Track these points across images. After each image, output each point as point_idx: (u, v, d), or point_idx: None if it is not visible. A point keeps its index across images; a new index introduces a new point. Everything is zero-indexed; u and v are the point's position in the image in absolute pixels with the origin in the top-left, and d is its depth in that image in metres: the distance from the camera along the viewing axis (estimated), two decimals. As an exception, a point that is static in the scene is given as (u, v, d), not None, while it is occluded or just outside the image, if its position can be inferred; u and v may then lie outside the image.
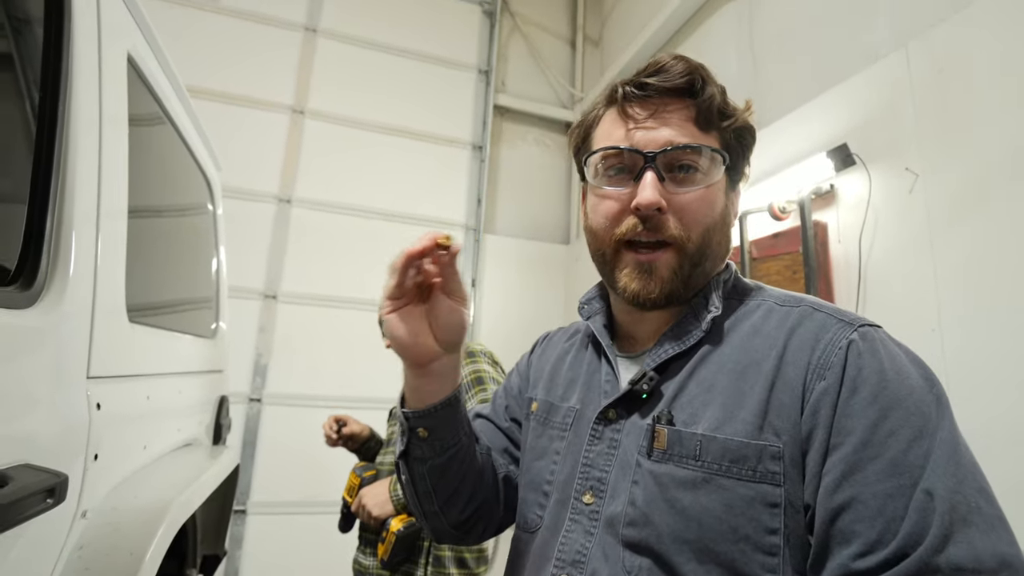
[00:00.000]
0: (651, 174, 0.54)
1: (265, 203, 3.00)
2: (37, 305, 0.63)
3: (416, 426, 0.60)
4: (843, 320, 0.51)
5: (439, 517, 0.65)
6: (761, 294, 0.58)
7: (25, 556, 0.60)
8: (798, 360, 0.49)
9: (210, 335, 1.53)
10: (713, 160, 0.56)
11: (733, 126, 0.57)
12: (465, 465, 0.64)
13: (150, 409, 1.00)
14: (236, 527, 2.69)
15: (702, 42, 2.62)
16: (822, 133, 1.72)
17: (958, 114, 1.33)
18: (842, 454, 0.44)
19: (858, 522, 0.42)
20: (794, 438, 0.47)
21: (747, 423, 0.48)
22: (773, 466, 0.47)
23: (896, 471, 0.42)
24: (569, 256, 3.61)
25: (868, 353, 0.47)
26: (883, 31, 1.66)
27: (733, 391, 0.51)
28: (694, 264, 0.56)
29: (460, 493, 0.64)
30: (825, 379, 0.47)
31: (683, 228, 0.55)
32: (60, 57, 0.69)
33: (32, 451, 0.59)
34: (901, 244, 1.44)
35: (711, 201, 0.56)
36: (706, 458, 0.48)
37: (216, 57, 2.97)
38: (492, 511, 0.69)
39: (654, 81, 0.56)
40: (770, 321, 0.54)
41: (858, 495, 0.42)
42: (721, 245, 0.59)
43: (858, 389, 0.46)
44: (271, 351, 2.90)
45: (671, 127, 0.55)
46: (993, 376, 1.18)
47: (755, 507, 0.46)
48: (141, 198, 0.99)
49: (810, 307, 0.54)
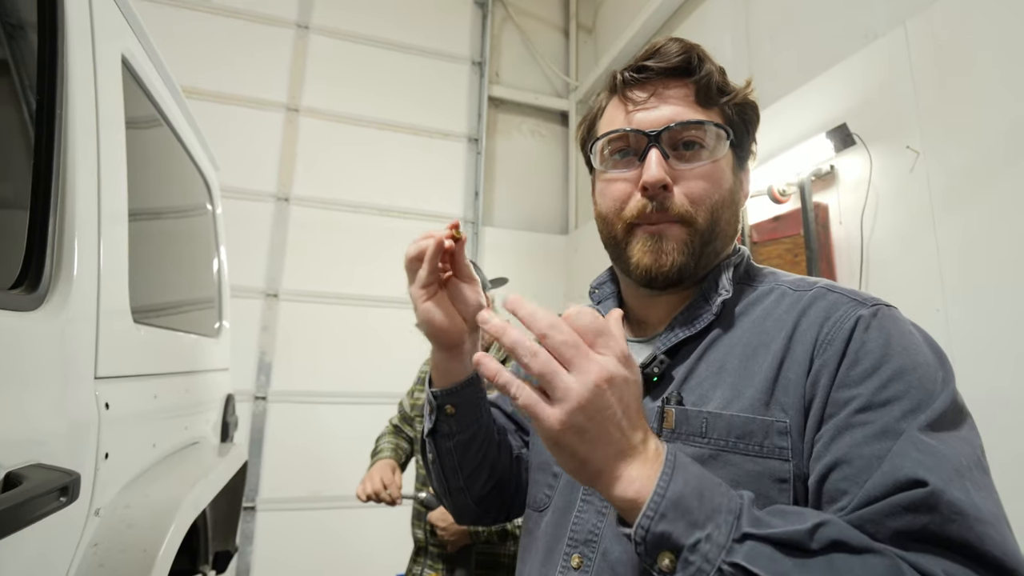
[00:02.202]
0: (655, 152, 0.54)
1: (263, 202, 3.00)
2: (43, 307, 0.63)
3: (444, 403, 0.64)
4: (856, 300, 0.50)
5: (463, 493, 0.69)
6: (774, 279, 0.58)
7: (41, 553, 0.61)
8: (806, 337, 0.49)
9: (214, 334, 1.54)
10: (717, 135, 0.56)
11: (734, 101, 0.57)
12: (486, 441, 0.67)
13: (158, 408, 1.01)
14: (246, 524, 2.72)
15: (697, 26, 2.60)
16: (821, 114, 1.71)
17: (958, 91, 1.33)
18: (835, 421, 0.44)
19: (844, 480, 0.42)
20: (799, 412, 0.47)
21: (753, 399, 0.48)
22: (780, 441, 0.47)
23: (886, 435, 0.42)
24: (568, 246, 3.61)
25: (875, 328, 0.47)
26: (880, 10, 1.64)
27: (742, 371, 0.51)
28: (705, 241, 0.56)
29: (482, 468, 0.67)
30: (827, 352, 0.47)
31: (691, 204, 0.54)
32: (55, 61, 0.69)
33: (44, 451, 0.60)
34: (903, 223, 1.44)
35: (718, 177, 0.56)
36: (712, 435, 0.49)
37: (209, 57, 2.96)
38: (508, 488, 0.71)
39: (652, 63, 0.56)
40: (782, 304, 0.54)
41: (845, 455, 0.42)
42: (730, 224, 0.58)
43: (859, 361, 0.46)
44: (274, 349, 2.91)
45: (672, 106, 0.56)
46: (998, 354, 1.18)
47: (763, 482, 0.46)
48: (141, 200, 1.00)
49: (824, 288, 0.53)
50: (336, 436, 2.86)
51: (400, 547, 1.50)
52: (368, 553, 2.76)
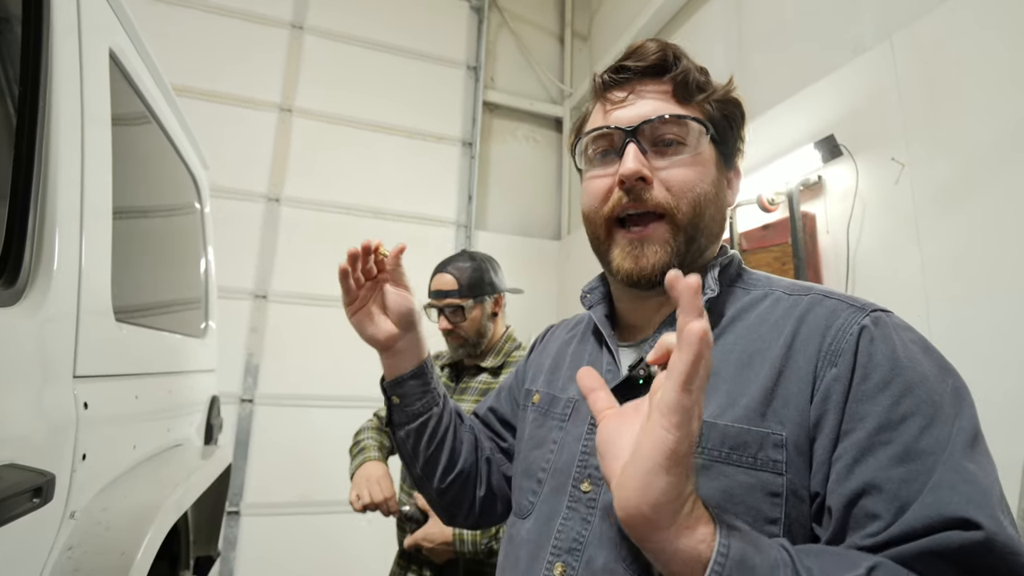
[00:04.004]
0: (632, 146, 0.54)
1: (254, 202, 2.97)
2: (21, 303, 0.62)
3: (391, 394, 0.71)
4: (854, 306, 0.50)
5: (424, 482, 0.72)
6: (768, 283, 0.58)
7: (12, 556, 0.59)
8: (808, 348, 0.48)
9: (200, 335, 1.52)
10: (696, 131, 0.56)
11: (714, 98, 0.57)
12: (441, 434, 0.71)
13: (139, 409, 0.99)
14: (230, 529, 2.68)
15: (690, 36, 2.63)
16: (809, 125, 1.73)
17: (943, 104, 1.35)
18: (854, 439, 0.43)
19: (873, 506, 0.41)
20: (800, 426, 0.46)
21: (749, 409, 0.48)
22: (775, 454, 0.46)
23: (908, 456, 0.41)
24: (561, 252, 3.62)
25: (880, 339, 0.46)
26: (868, 23, 1.67)
27: (737, 379, 0.50)
28: (689, 238, 0.55)
29: (437, 458, 0.71)
30: (836, 366, 0.46)
31: (671, 196, 0.54)
32: (40, 54, 0.68)
33: (18, 451, 0.58)
34: (888, 234, 1.46)
35: (699, 171, 0.56)
36: (706, 444, 0.48)
37: (201, 55, 2.94)
38: (472, 485, 0.73)
39: (629, 63, 0.58)
40: (777, 310, 0.53)
41: (872, 479, 0.41)
42: (715, 221, 0.58)
43: (869, 375, 0.45)
44: (262, 351, 2.88)
45: (650, 102, 0.57)
46: (981, 363, 1.20)
47: (755, 495, 0.45)
48: (127, 197, 0.98)
49: (820, 295, 0.53)
50: (324, 440, 2.82)
51: (390, 553, 1.48)
52: (357, 558, 2.73)
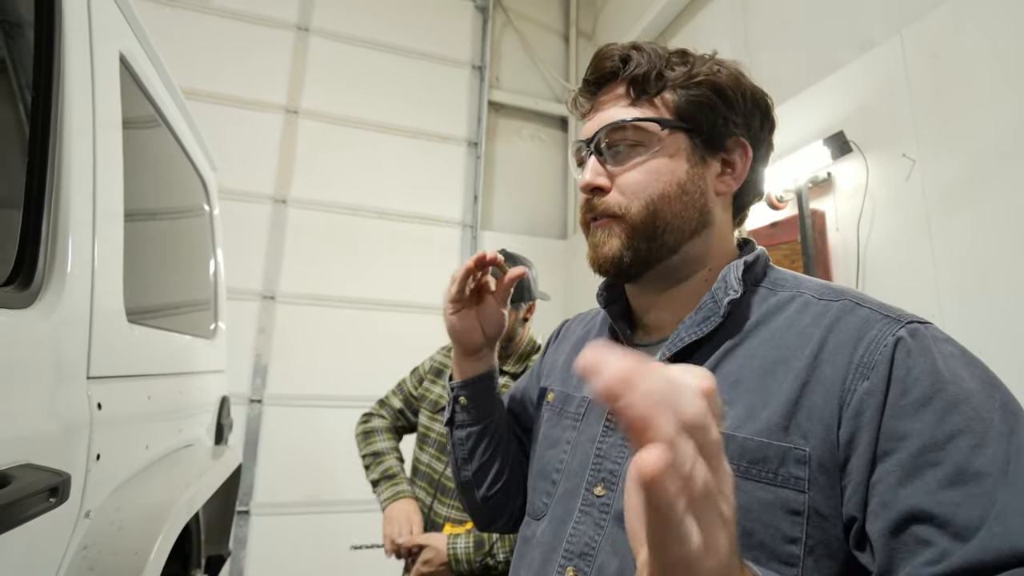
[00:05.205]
0: (592, 159, 0.57)
1: (261, 204, 2.99)
2: (35, 305, 0.63)
3: (459, 395, 0.72)
4: (889, 316, 0.46)
5: (472, 487, 0.73)
6: (797, 284, 0.54)
7: (29, 555, 0.60)
8: (837, 359, 0.45)
9: (209, 336, 1.53)
10: (647, 130, 0.55)
11: (678, 85, 0.55)
12: (496, 441, 0.72)
13: (151, 409, 1.00)
14: (240, 528, 2.70)
15: (695, 34, 2.62)
16: (818, 121, 1.71)
17: (953, 99, 1.33)
18: (896, 460, 0.40)
19: (925, 533, 0.38)
20: (826, 442, 0.43)
21: (771, 422, 0.45)
22: (797, 471, 0.43)
23: (961, 479, 0.38)
24: (567, 251, 3.61)
25: (918, 352, 0.43)
26: (877, 19, 1.65)
27: (760, 388, 0.47)
28: (648, 236, 0.54)
29: (490, 465, 0.72)
30: (869, 379, 0.43)
31: (624, 199, 0.56)
32: (52, 59, 0.69)
33: (34, 451, 0.59)
34: (899, 231, 1.44)
35: (654, 171, 0.55)
36: None
37: (208, 58, 2.96)
38: (515, 497, 0.74)
39: (588, 75, 0.60)
40: (806, 315, 0.50)
41: (921, 504, 0.38)
42: (683, 217, 0.55)
43: (909, 391, 0.42)
44: (271, 352, 2.90)
45: (606, 110, 0.58)
46: (993, 359, 1.18)
47: (774, 512, 0.43)
48: (138, 200, 0.99)
49: (852, 301, 0.49)
50: (332, 440, 2.83)
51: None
52: (365, 556, 2.74)
